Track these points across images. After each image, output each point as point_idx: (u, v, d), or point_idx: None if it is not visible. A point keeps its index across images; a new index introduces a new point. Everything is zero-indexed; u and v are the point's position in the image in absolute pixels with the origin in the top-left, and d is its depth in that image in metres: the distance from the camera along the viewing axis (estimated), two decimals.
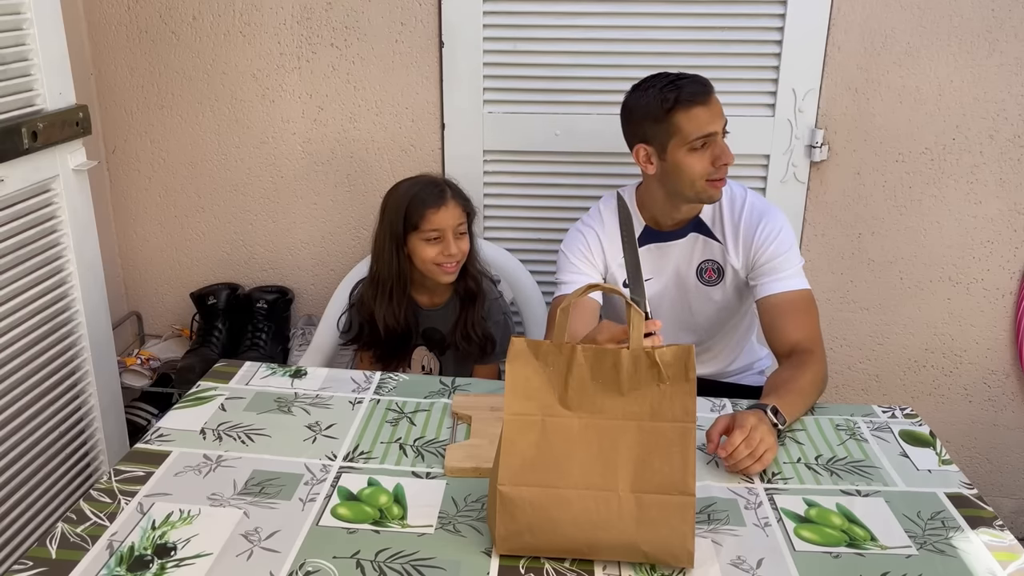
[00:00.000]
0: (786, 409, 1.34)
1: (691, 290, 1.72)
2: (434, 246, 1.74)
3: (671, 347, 1.04)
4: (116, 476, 1.20)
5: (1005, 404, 2.28)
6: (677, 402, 1.03)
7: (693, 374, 1.03)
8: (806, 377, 1.44)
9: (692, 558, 1.02)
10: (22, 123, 1.56)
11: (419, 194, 1.75)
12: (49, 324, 1.72)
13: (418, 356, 1.91)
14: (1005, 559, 1.06)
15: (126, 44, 2.21)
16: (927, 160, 2.11)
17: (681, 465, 1.02)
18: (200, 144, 2.28)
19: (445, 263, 1.75)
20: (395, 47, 2.14)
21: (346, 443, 1.32)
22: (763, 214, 1.64)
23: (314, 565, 1.03)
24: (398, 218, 1.75)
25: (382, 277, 1.81)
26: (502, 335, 1.86)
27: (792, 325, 1.55)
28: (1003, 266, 2.17)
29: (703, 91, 1.55)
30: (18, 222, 1.61)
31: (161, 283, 2.43)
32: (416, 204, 1.74)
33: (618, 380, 1.04)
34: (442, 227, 1.73)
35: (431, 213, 1.73)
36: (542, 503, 1.02)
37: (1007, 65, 2.01)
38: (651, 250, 1.70)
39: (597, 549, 1.03)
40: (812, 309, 1.59)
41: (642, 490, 1.02)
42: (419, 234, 1.74)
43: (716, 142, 1.57)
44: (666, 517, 1.01)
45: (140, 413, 2.27)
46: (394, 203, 1.78)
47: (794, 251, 1.62)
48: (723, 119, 1.57)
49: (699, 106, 1.55)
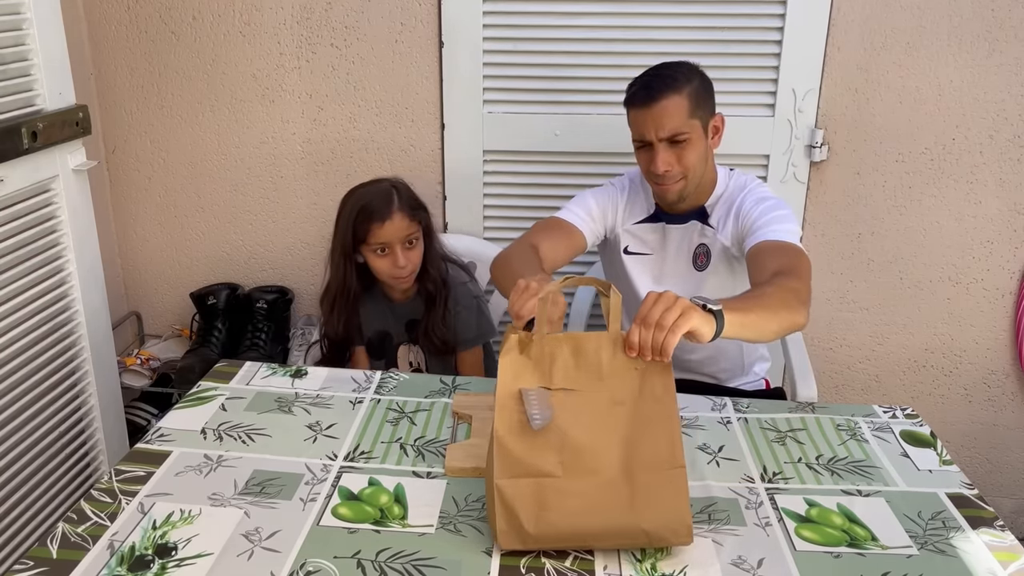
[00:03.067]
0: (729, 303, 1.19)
1: (686, 275, 1.73)
2: (384, 259, 1.76)
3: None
4: (117, 476, 1.20)
5: (1005, 404, 2.28)
6: (656, 380, 1.06)
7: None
8: (772, 288, 1.34)
9: (691, 532, 1.04)
10: (22, 123, 1.56)
11: (366, 207, 1.75)
12: (49, 324, 1.72)
13: (403, 354, 1.91)
14: (1005, 559, 1.06)
15: (126, 44, 2.21)
16: (927, 160, 2.11)
17: (668, 440, 1.05)
18: (200, 144, 2.28)
19: (396, 275, 1.77)
20: (395, 47, 2.14)
21: (347, 443, 1.31)
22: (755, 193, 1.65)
23: (315, 565, 1.03)
24: (347, 231, 1.76)
25: (331, 286, 1.83)
26: (476, 319, 1.87)
27: (774, 258, 1.46)
28: (1003, 266, 2.17)
29: (644, 96, 1.57)
30: (18, 222, 1.61)
31: (161, 283, 2.43)
32: (362, 219, 1.74)
33: (599, 365, 1.06)
34: (388, 241, 1.74)
35: (376, 228, 1.73)
36: (539, 494, 1.03)
37: (1007, 65, 2.02)
38: (657, 228, 1.75)
39: (599, 537, 1.04)
40: (800, 254, 1.49)
41: (634, 470, 1.04)
42: (368, 247, 1.76)
43: (652, 149, 1.59)
44: (660, 492, 1.03)
45: (140, 413, 2.27)
46: (345, 215, 1.79)
47: (784, 214, 1.58)
48: (668, 130, 1.56)
49: (637, 109, 1.59)
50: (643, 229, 1.76)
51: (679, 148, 1.58)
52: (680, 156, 1.59)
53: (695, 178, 1.63)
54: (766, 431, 1.37)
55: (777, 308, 1.28)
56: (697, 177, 1.63)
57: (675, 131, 1.57)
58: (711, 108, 1.64)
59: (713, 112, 1.64)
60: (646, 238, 1.77)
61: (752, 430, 1.37)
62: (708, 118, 1.62)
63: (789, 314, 1.29)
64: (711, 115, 1.63)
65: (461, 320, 1.85)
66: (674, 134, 1.57)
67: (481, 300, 1.91)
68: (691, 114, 1.57)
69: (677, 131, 1.57)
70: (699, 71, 1.63)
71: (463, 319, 1.86)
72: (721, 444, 1.33)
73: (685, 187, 1.63)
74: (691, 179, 1.62)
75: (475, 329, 1.87)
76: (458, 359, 1.89)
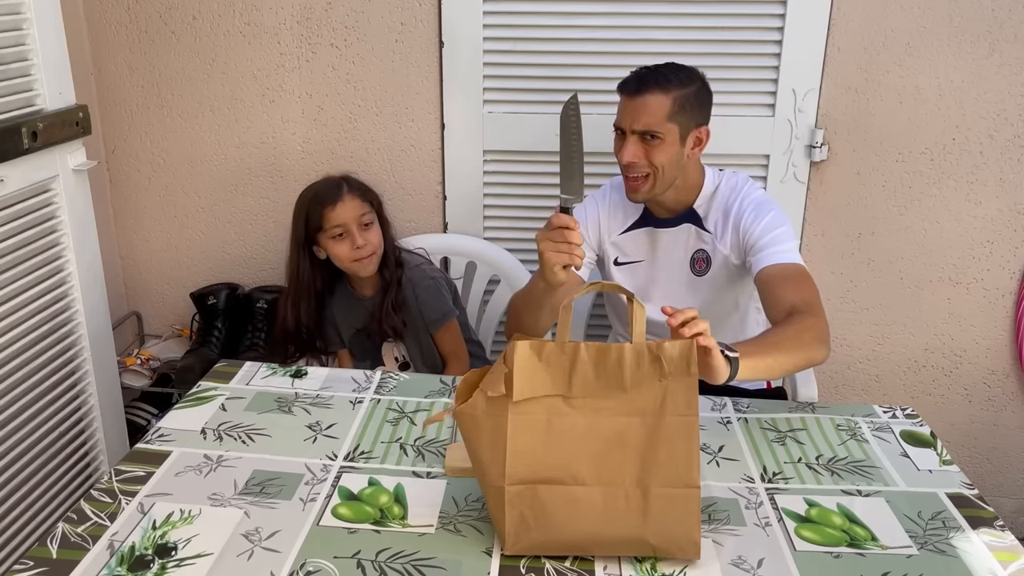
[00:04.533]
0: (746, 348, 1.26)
1: (684, 281, 1.72)
2: (343, 242, 1.77)
3: (674, 341, 1.04)
4: (117, 476, 1.20)
5: (1005, 404, 2.28)
6: (680, 396, 1.04)
7: (695, 368, 1.04)
8: (789, 329, 1.38)
9: (699, 549, 1.03)
10: (22, 123, 1.56)
11: (316, 195, 1.79)
12: (49, 324, 1.72)
13: (388, 351, 1.92)
14: (1006, 559, 1.06)
15: (126, 44, 2.21)
16: (927, 160, 2.11)
17: (685, 458, 1.03)
18: (200, 144, 2.28)
19: (358, 256, 1.77)
20: (395, 47, 2.14)
21: (347, 443, 1.32)
22: (750, 198, 1.64)
23: (315, 565, 1.03)
24: (300, 222, 1.80)
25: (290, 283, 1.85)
26: (434, 297, 1.87)
27: (788, 290, 1.51)
28: (1003, 266, 2.17)
29: (632, 86, 1.59)
30: (18, 222, 1.61)
31: (161, 283, 2.43)
32: (314, 205, 1.78)
33: (621, 376, 1.04)
34: (343, 222, 1.76)
35: (328, 211, 1.76)
36: (550, 501, 1.03)
37: (1007, 65, 2.02)
38: (646, 233, 1.73)
39: (604, 544, 1.04)
40: (809, 281, 1.54)
41: (648, 484, 1.03)
42: (325, 234, 1.78)
43: (624, 137, 1.60)
44: (672, 510, 1.02)
45: (140, 413, 2.27)
46: (298, 208, 1.82)
47: (784, 231, 1.60)
48: (641, 124, 1.56)
49: (624, 96, 1.61)
50: (630, 238, 1.75)
51: (649, 145, 1.58)
52: (648, 152, 1.58)
53: (664, 181, 1.61)
54: (766, 431, 1.37)
55: (794, 350, 1.35)
56: (667, 181, 1.62)
57: (648, 128, 1.56)
58: (700, 119, 1.61)
59: (701, 124, 1.62)
60: (635, 246, 1.75)
61: (752, 430, 1.37)
62: (690, 127, 1.60)
63: (806, 353, 1.36)
64: (696, 125, 1.61)
65: (422, 302, 1.86)
66: (647, 130, 1.57)
67: (439, 280, 1.91)
68: (670, 117, 1.56)
69: (650, 128, 1.56)
70: (701, 79, 1.62)
71: (424, 300, 1.86)
72: (721, 444, 1.33)
73: (653, 187, 1.61)
74: (659, 181, 1.60)
75: (440, 308, 1.87)
76: (436, 341, 1.90)
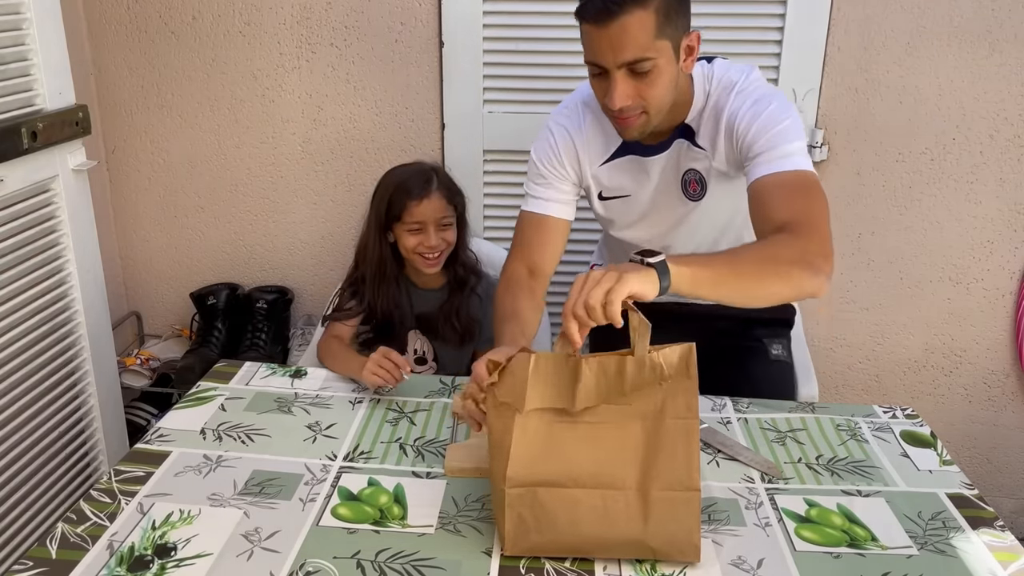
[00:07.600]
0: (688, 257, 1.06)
1: (675, 207, 1.50)
2: (415, 236, 1.75)
3: (674, 347, 1.04)
4: (116, 476, 1.20)
5: (1005, 404, 2.28)
6: (680, 399, 1.04)
7: (695, 371, 1.03)
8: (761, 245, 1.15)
9: (699, 552, 1.03)
10: (22, 123, 1.56)
11: (404, 184, 1.75)
12: (49, 324, 1.72)
13: (411, 340, 1.90)
14: (1006, 559, 1.06)
15: (126, 44, 2.21)
16: (927, 160, 2.11)
17: (685, 461, 1.03)
18: (200, 144, 2.28)
19: (425, 254, 1.75)
20: (395, 47, 2.14)
21: (346, 443, 1.31)
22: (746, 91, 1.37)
23: (314, 565, 1.03)
24: (383, 207, 1.76)
25: (366, 261, 1.80)
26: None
27: (780, 204, 1.24)
28: (1003, 266, 2.17)
29: (600, 7, 1.24)
30: (18, 222, 1.61)
31: (161, 283, 2.43)
32: (399, 195, 1.74)
33: (622, 384, 1.04)
34: (423, 219, 1.73)
35: (413, 205, 1.73)
36: (550, 503, 1.03)
37: (1007, 65, 2.01)
38: (629, 162, 1.48)
39: (605, 547, 1.04)
40: (811, 192, 1.27)
41: (648, 487, 1.03)
42: (402, 225, 1.75)
43: (608, 77, 1.30)
44: (673, 513, 1.02)
45: (140, 413, 2.27)
46: (382, 191, 1.78)
47: (786, 128, 1.31)
48: (628, 55, 1.26)
49: (590, 25, 1.27)
50: (612, 168, 1.50)
51: (640, 78, 1.29)
52: (642, 89, 1.30)
53: (660, 110, 1.34)
54: (766, 431, 1.37)
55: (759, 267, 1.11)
56: (663, 108, 1.35)
57: (637, 56, 1.26)
58: (685, 24, 1.32)
59: (688, 29, 1.33)
60: (619, 178, 1.50)
61: (752, 430, 1.37)
62: (680, 37, 1.31)
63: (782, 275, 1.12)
64: (684, 33, 1.32)
65: (488, 315, 1.81)
66: (636, 59, 1.26)
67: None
68: (658, 33, 1.26)
69: (640, 56, 1.26)
70: None
71: (489, 314, 1.80)
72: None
73: (648, 122, 1.35)
74: (654, 112, 1.34)
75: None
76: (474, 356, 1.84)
